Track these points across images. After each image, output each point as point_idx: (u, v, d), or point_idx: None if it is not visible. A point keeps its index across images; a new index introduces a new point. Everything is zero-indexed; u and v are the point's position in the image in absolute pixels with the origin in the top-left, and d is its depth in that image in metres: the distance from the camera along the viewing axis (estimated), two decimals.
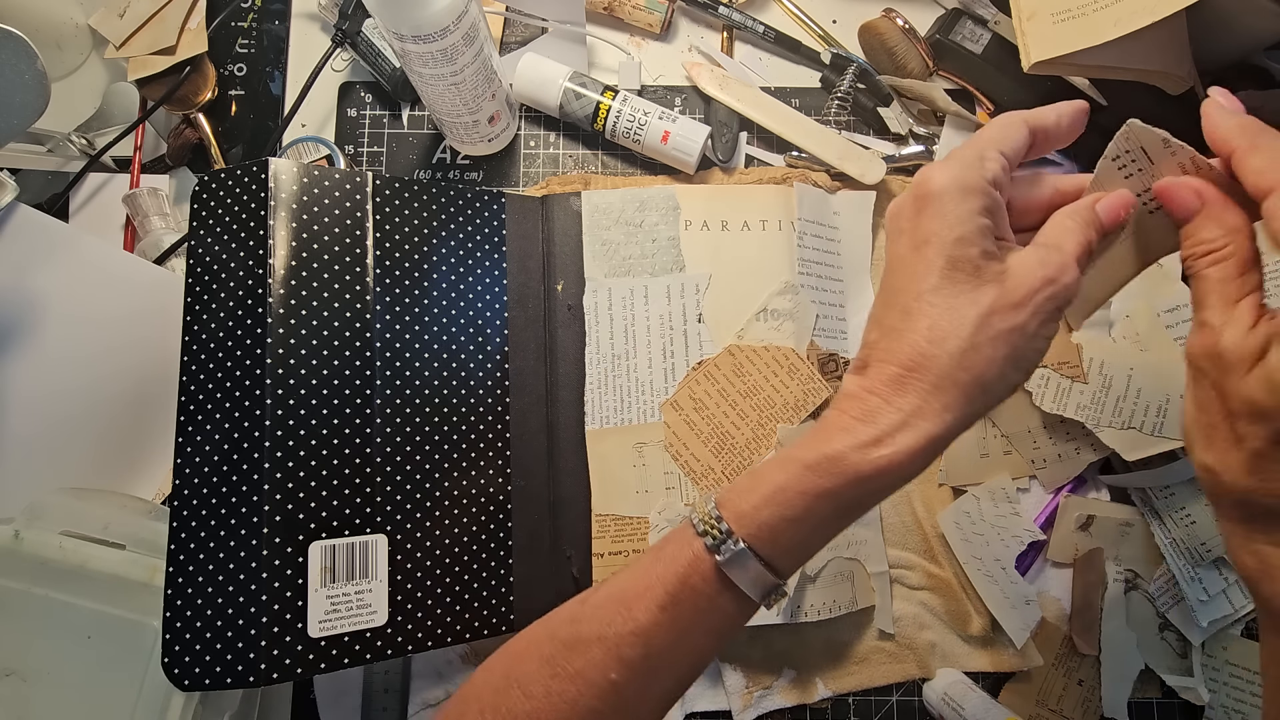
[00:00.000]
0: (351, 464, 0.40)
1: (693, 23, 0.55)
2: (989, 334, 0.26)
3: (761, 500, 0.28)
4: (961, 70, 0.52)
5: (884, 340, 0.28)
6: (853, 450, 0.27)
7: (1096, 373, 0.48)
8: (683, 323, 0.48)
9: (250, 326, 0.39)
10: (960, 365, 0.26)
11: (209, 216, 0.41)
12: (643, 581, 0.29)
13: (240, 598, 0.36)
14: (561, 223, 0.49)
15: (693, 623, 0.29)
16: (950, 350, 0.26)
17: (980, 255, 0.27)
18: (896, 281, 0.28)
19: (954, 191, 0.27)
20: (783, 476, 0.28)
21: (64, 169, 0.52)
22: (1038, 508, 0.48)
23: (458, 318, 0.45)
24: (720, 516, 0.28)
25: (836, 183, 0.52)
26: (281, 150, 0.52)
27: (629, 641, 0.28)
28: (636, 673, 0.28)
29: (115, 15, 0.52)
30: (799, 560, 0.29)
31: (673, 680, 0.30)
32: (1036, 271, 0.27)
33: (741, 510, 0.28)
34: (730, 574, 0.28)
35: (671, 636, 0.28)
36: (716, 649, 0.30)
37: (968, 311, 0.26)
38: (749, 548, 0.28)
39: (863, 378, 0.28)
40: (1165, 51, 0.45)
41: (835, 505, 0.27)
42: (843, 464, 0.27)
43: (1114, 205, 0.29)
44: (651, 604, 0.28)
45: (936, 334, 0.27)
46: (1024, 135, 0.29)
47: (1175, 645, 0.47)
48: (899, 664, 0.47)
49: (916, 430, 0.26)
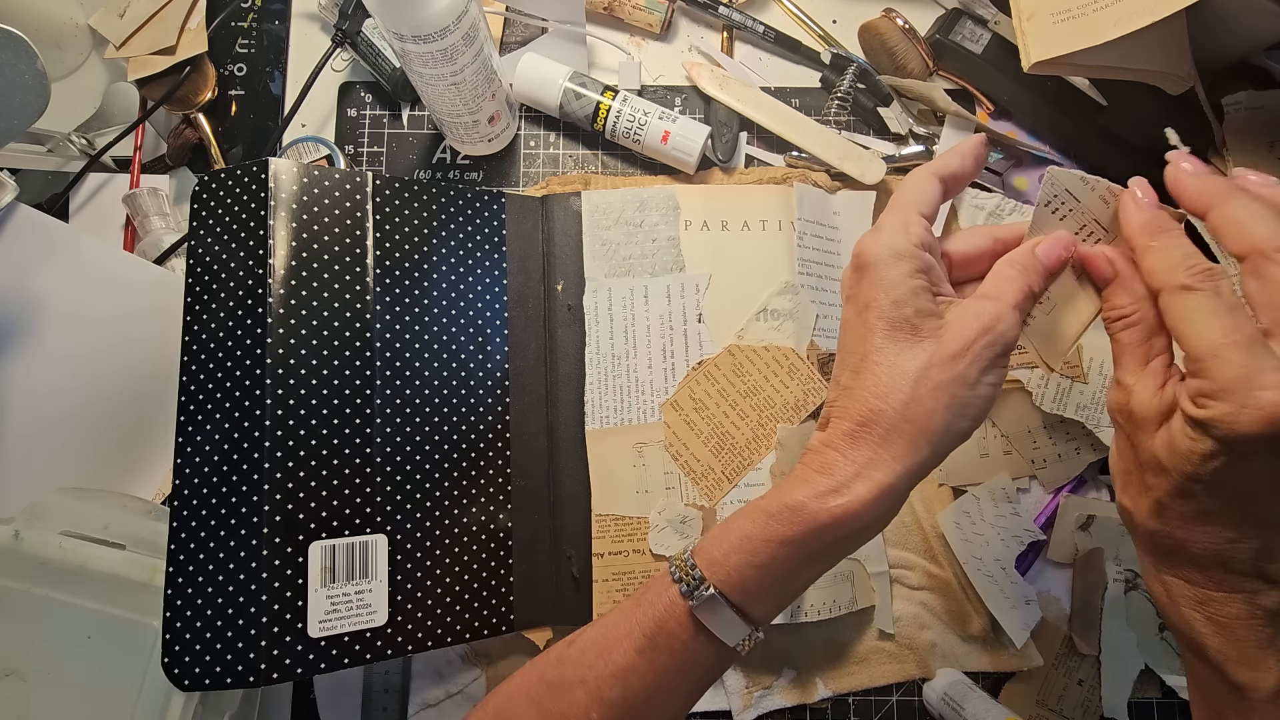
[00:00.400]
0: (351, 464, 0.40)
1: (693, 23, 0.55)
2: (928, 386, 0.28)
3: (731, 548, 0.30)
4: (961, 70, 0.52)
5: (840, 398, 0.30)
6: (811, 500, 0.28)
7: (1096, 373, 0.48)
8: (683, 323, 0.48)
9: (250, 326, 0.39)
10: (904, 418, 0.28)
11: (209, 216, 0.41)
12: (623, 626, 0.31)
13: (240, 598, 0.36)
14: (561, 223, 0.49)
15: (669, 666, 0.30)
16: (894, 404, 0.28)
17: (915, 314, 0.29)
18: (847, 342, 0.31)
19: (886, 258, 0.29)
20: (750, 525, 0.30)
21: (64, 169, 0.52)
22: (1038, 508, 0.48)
23: (458, 318, 0.45)
24: (694, 564, 0.30)
25: (836, 183, 0.52)
26: (281, 150, 0.52)
27: (609, 683, 0.30)
28: (616, 713, 0.30)
29: (115, 15, 0.52)
30: (771, 607, 0.31)
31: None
32: (972, 324, 0.28)
33: (714, 557, 0.30)
34: (703, 618, 0.30)
35: (649, 679, 0.30)
36: (695, 694, 0.32)
37: (908, 367, 0.28)
38: (719, 593, 0.29)
39: (823, 434, 0.30)
40: (1165, 51, 0.45)
41: (799, 552, 0.29)
42: (803, 513, 0.29)
43: (1052, 247, 0.31)
44: (630, 648, 0.30)
45: (881, 389, 0.29)
46: (936, 188, 0.31)
47: (1175, 645, 0.47)
48: (899, 664, 0.47)
49: (869, 480, 0.28)
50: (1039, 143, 0.52)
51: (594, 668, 0.30)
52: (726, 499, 0.46)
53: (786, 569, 0.29)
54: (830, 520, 0.28)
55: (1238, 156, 0.50)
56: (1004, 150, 0.52)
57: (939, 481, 0.49)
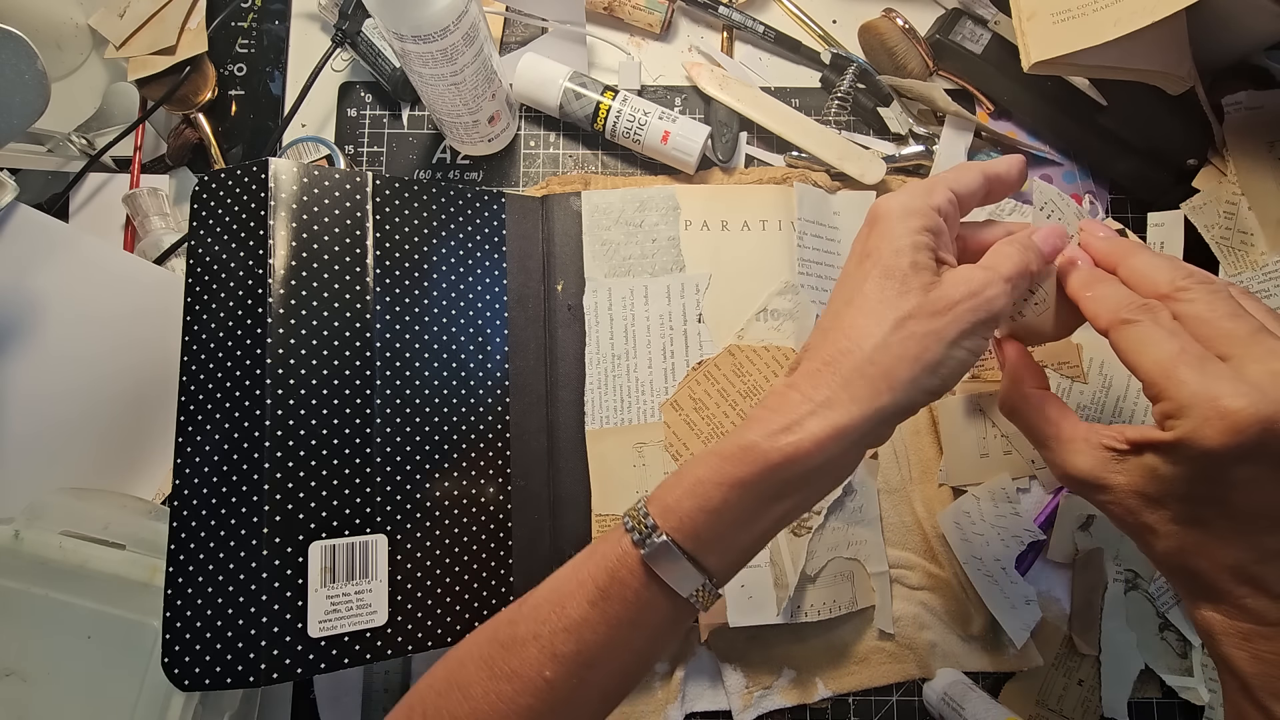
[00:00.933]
0: (351, 464, 0.40)
1: (693, 23, 0.55)
2: (903, 334, 0.28)
3: (683, 493, 0.29)
4: (961, 70, 0.52)
5: (813, 339, 0.30)
6: (763, 439, 0.28)
7: (1096, 373, 0.48)
8: (683, 323, 0.48)
9: (250, 326, 0.39)
10: (870, 360, 0.28)
11: (209, 216, 0.41)
12: (575, 579, 0.30)
13: (240, 598, 0.36)
14: (561, 223, 0.49)
15: (623, 618, 0.29)
16: (865, 347, 0.28)
17: (910, 266, 0.29)
18: (839, 290, 0.31)
19: (899, 212, 0.30)
20: (702, 469, 0.29)
21: (64, 169, 0.52)
22: (1038, 508, 0.48)
23: (458, 318, 0.45)
24: (647, 512, 0.29)
25: (836, 183, 0.52)
26: (281, 150, 0.52)
27: (562, 638, 0.29)
28: (570, 669, 0.29)
29: (115, 15, 0.52)
30: (726, 557, 0.29)
31: (608, 678, 0.30)
32: (962, 285, 0.28)
33: (666, 504, 0.29)
34: (655, 567, 0.28)
35: (603, 632, 0.29)
36: (652, 649, 0.31)
37: (888, 314, 0.28)
38: (671, 540, 0.28)
39: (790, 376, 0.30)
40: (1165, 51, 0.45)
41: (751, 495, 0.28)
42: (754, 452, 0.28)
43: (1049, 234, 0.32)
44: (583, 600, 0.29)
45: (856, 332, 0.28)
46: (978, 178, 0.32)
47: (1175, 645, 0.47)
48: (899, 664, 0.47)
49: (823, 419, 0.27)
50: (1039, 143, 0.52)
51: (547, 623, 0.29)
52: None
53: (739, 514, 0.28)
54: (781, 459, 0.27)
55: (1238, 156, 0.50)
56: (1004, 150, 0.53)
57: (939, 482, 0.49)
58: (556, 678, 0.28)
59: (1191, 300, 0.28)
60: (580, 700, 0.29)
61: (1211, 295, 0.28)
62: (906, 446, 0.49)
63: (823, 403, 0.28)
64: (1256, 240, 0.49)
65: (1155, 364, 0.27)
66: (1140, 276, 0.30)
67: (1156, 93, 0.47)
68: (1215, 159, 0.50)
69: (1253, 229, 0.49)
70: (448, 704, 0.29)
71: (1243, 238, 0.49)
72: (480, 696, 0.29)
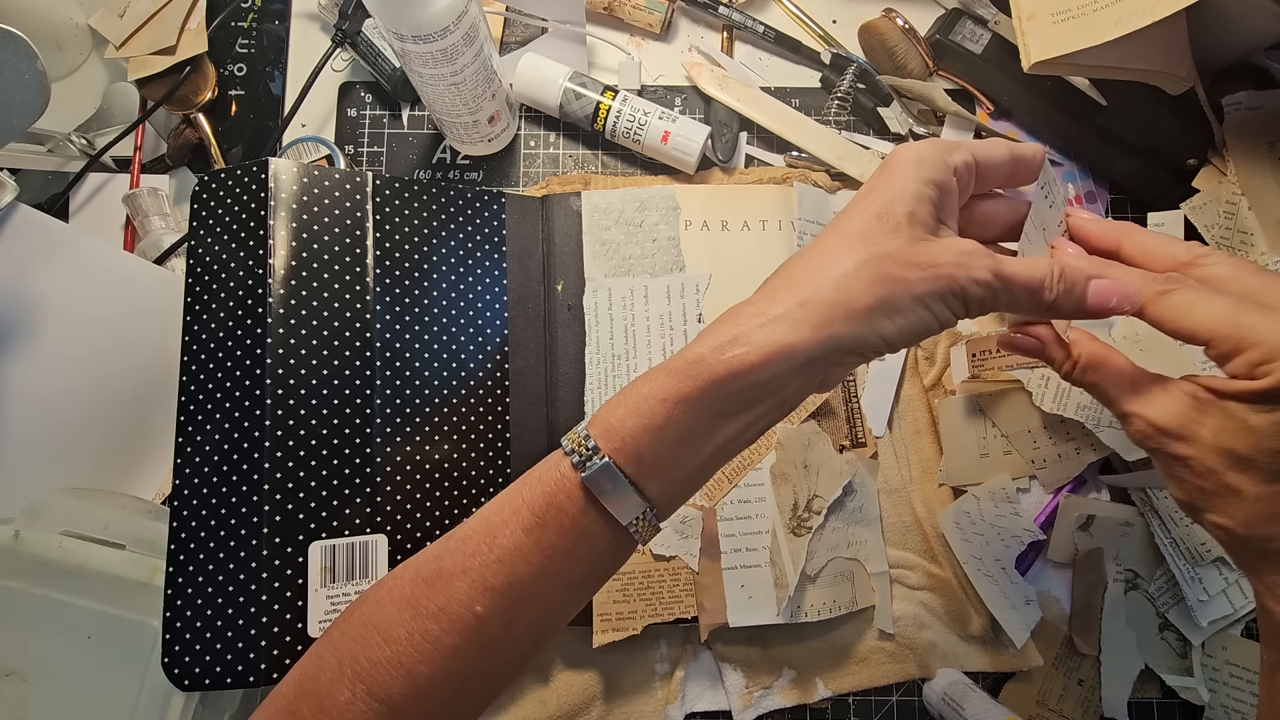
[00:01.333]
0: (351, 464, 0.40)
1: (693, 23, 0.55)
2: (874, 269, 0.26)
3: (627, 412, 0.27)
4: (961, 70, 0.52)
5: (788, 260, 0.29)
6: (710, 351, 0.27)
7: None
8: (683, 323, 0.48)
9: (250, 326, 0.39)
10: (834, 286, 0.27)
11: (209, 216, 0.41)
12: (509, 507, 0.28)
13: (240, 598, 0.36)
14: (561, 223, 0.49)
15: (559, 546, 0.27)
16: (832, 274, 0.27)
17: (906, 216, 0.27)
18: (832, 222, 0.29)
19: (911, 161, 0.28)
20: (647, 386, 0.27)
21: (64, 169, 0.52)
22: (1038, 508, 0.48)
23: (458, 318, 0.45)
24: (588, 434, 0.27)
25: (836, 183, 0.52)
26: (281, 150, 0.52)
27: (493, 569, 0.27)
28: (501, 603, 0.27)
29: (115, 15, 0.52)
30: (669, 485, 0.28)
31: (540, 613, 0.28)
32: (951, 254, 0.27)
33: (609, 424, 0.27)
34: (595, 491, 0.27)
35: (537, 561, 0.27)
36: (587, 584, 0.29)
37: (866, 248, 0.27)
38: (612, 462, 0.27)
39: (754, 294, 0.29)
40: (1165, 51, 0.45)
41: (695, 412, 0.27)
42: (700, 365, 0.27)
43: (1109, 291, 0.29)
44: (517, 528, 0.27)
45: (828, 259, 0.27)
46: (1005, 154, 0.31)
47: (1175, 645, 0.47)
48: (899, 664, 0.47)
49: (770, 333, 0.26)
50: (1039, 142, 0.52)
51: (477, 554, 0.27)
52: (727, 499, 0.46)
53: (683, 432, 0.27)
54: (726, 372, 0.26)
55: (1238, 156, 0.50)
56: None
57: (939, 482, 0.49)
58: (487, 613, 0.27)
59: (1215, 263, 0.28)
60: (510, 639, 0.28)
61: (1230, 258, 0.28)
62: (906, 446, 0.49)
63: (775, 317, 0.27)
64: (1256, 240, 0.49)
65: (1216, 319, 0.26)
66: (1152, 251, 0.29)
67: (1156, 93, 0.47)
68: (1215, 159, 0.50)
69: (1253, 229, 0.49)
70: (365, 649, 0.27)
71: (1243, 238, 0.49)
72: (403, 639, 0.27)
